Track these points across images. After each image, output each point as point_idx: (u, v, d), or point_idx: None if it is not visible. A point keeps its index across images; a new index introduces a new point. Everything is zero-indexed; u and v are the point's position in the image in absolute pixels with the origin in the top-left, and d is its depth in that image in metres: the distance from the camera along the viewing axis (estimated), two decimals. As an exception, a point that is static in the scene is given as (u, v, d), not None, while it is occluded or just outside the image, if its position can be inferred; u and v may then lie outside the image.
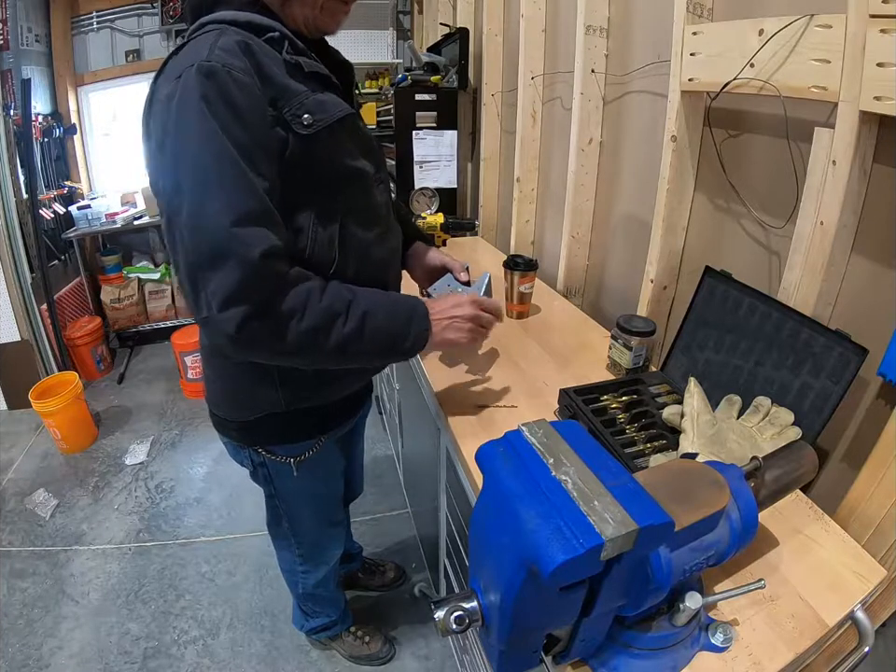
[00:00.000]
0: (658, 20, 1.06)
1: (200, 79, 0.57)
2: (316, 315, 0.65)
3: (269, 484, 0.96)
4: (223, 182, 0.58)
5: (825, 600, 0.58)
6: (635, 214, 1.28)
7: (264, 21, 0.65)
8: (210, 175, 0.58)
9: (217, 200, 0.58)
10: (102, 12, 3.03)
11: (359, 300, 0.69)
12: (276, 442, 0.89)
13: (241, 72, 0.59)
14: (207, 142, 0.58)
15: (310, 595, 1.23)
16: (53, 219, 2.82)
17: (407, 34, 3.61)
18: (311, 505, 1.03)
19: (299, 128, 0.64)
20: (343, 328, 0.67)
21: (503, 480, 0.43)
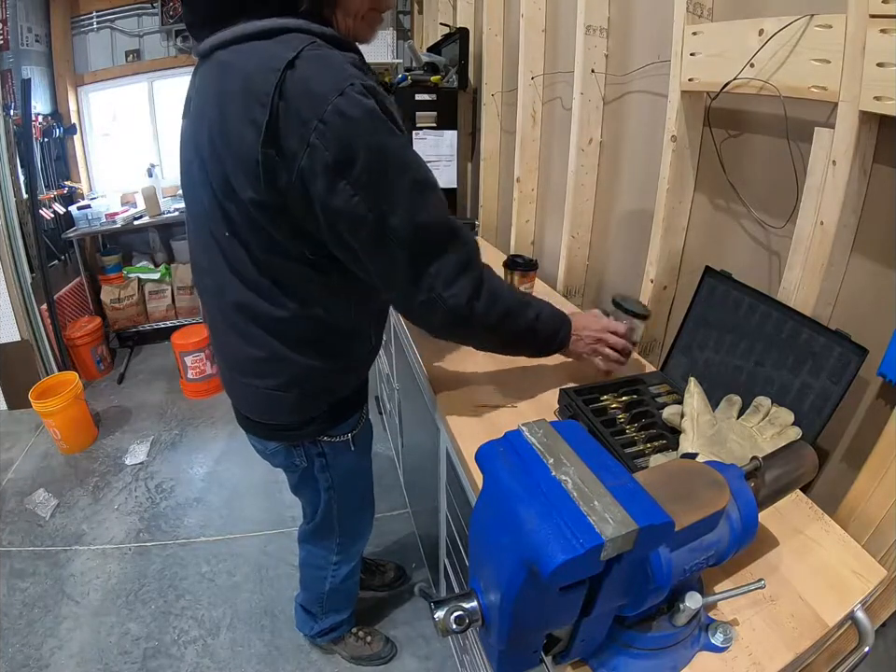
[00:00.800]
0: (658, 20, 1.06)
1: (367, 99, 0.60)
2: (509, 299, 0.77)
3: (326, 473, 0.99)
4: (429, 182, 0.68)
5: (825, 600, 0.58)
6: (635, 214, 1.28)
7: (346, 40, 0.68)
8: (421, 177, 0.67)
9: (434, 197, 0.68)
10: (102, 12, 3.03)
11: (534, 299, 0.84)
12: (336, 423, 0.94)
13: (381, 88, 0.64)
14: (404, 151, 0.65)
15: (335, 590, 1.25)
16: (53, 219, 2.82)
17: (407, 34, 3.61)
18: (360, 483, 1.12)
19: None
20: (528, 314, 0.80)
21: (503, 480, 0.43)
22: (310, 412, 0.89)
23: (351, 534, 1.17)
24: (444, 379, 1.03)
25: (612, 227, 1.39)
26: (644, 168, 1.18)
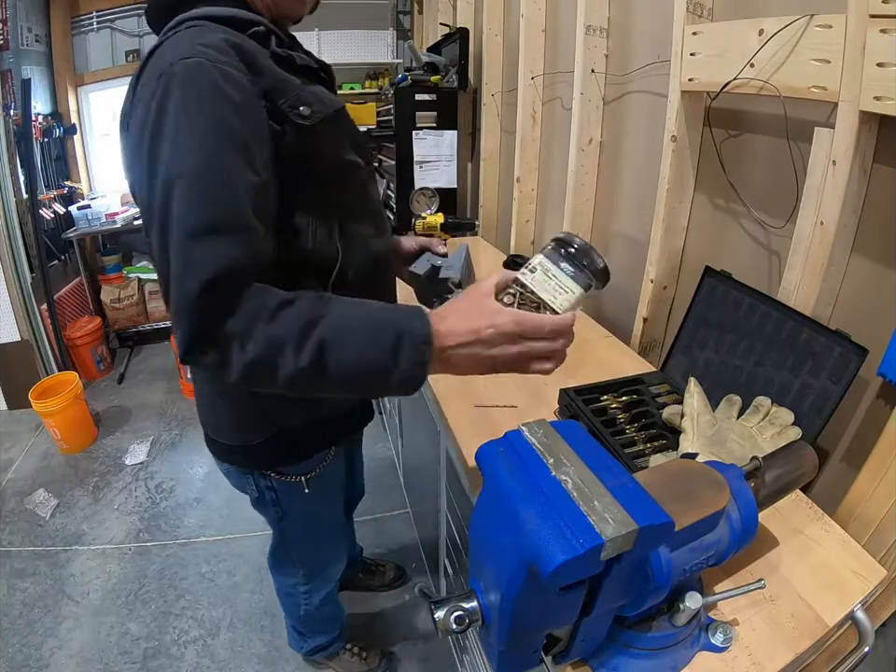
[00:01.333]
0: (658, 20, 1.06)
1: (184, 76, 0.53)
2: (260, 343, 0.52)
3: (276, 507, 0.91)
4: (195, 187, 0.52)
5: (825, 600, 0.58)
6: (635, 214, 1.28)
7: (248, 16, 0.62)
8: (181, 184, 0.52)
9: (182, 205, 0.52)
10: (102, 12, 3.04)
11: (328, 320, 0.53)
12: (287, 462, 0.84)
13: (228, 66, 0.55)
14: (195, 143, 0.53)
15: (312, 616, 1.20)
16: (53, 219, 2.82)
17: (407, 34, 3.61)
18: (319, 523, 1.00)
19: (297, 118, 0.61)
20: (294, 360, 0.52)
21: (503, 480, 0.43)
22: (250, 436, 0.79)
23: (313, 566, 1.08)
24: (444, 379, 1.03)
25: (612, 227, 1.39)
26: (644, 168, 1.18)
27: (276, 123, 0.60)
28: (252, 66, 0.58)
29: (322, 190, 0.68)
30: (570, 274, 0.56)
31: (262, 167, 0.58)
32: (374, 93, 3.55)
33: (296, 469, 0.86)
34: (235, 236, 0.53)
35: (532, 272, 0.57)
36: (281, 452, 0.83)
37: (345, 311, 0.55)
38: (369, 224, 0.76)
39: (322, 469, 0.88)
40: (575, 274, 0.57)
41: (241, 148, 0.55)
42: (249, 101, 0.57)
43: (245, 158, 0.55)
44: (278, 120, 0.60)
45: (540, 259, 0.58)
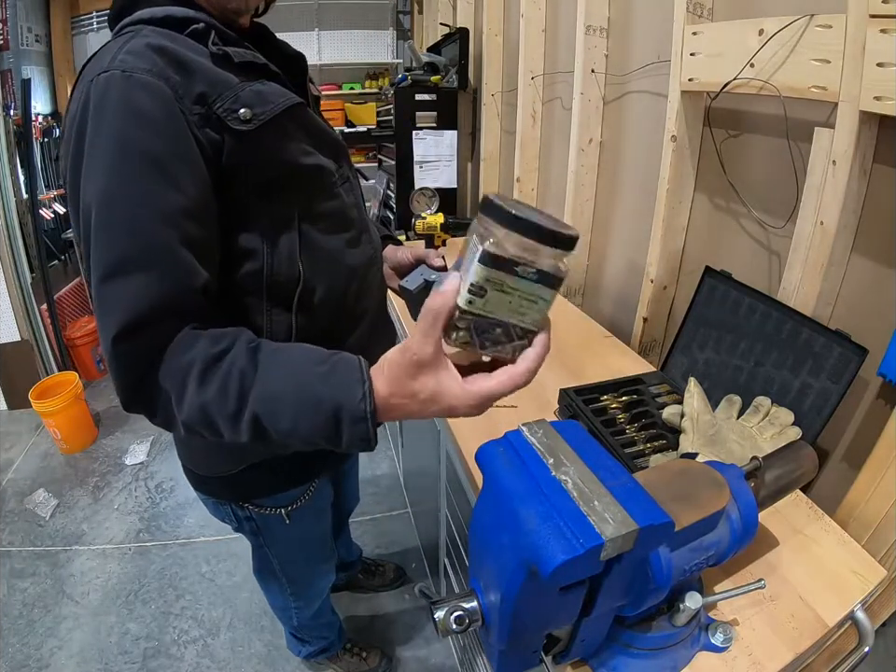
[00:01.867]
0: (658, 20, 1.06)
1: (97, 93, 0.49)
2: (195, 410, 0.48)
3: (256, 536, 0.88)
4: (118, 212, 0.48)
5: (825, 600, 0.58)
6: (635, 214, 1.28)
7: (184, 13, 0.56)
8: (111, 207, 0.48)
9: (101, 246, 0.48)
10: (102, 12, 3.04)
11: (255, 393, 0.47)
12: (264, 494, 0.79)
13: (146, 73, 0.50)
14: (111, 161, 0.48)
15: (305, 626, 1.20)
16: (53, 219, 2.82)
17: (407, 34, 3.62)
18: (303, 549, 0.96)
19: (235, 124, 0.54)
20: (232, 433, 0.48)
21: (503, 480, 0.43)
22: (220, 467, 0.75)
23: (301, 583, 1.04)
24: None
25: (612, 227, 1.39)
26: (644, 168, 1.18)
27: (214, 131, 0.54)
28: (182, 69, 0.53)
29: (276, 202, 0.60)
30: (534, 278, 0.39)
31: (191, 185, 0.52)
32: (374, 93, 3.55)
33: (275, 500, 0.80)
34: (153, 271, 0.48)
35: (481, 294, 0.39)
36: (257, 483, 0.77)
37: (274, 379, 0.48)
38: (341, 235, 0.67)
39: (304, 500, 0.82)
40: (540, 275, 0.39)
41: (157, 169, 0.49)
42: (169, 113, 0.51)
43: (164, 179, 0.49)
44: (216, 128, 0.54)
45: (487, 271, 0.38)
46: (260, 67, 0.59)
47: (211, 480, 0.78)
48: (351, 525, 1.53)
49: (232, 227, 0.58)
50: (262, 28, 0.71)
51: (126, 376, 0.49)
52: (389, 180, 2.44)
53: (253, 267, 0.60)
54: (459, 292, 0.40)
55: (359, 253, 0.70)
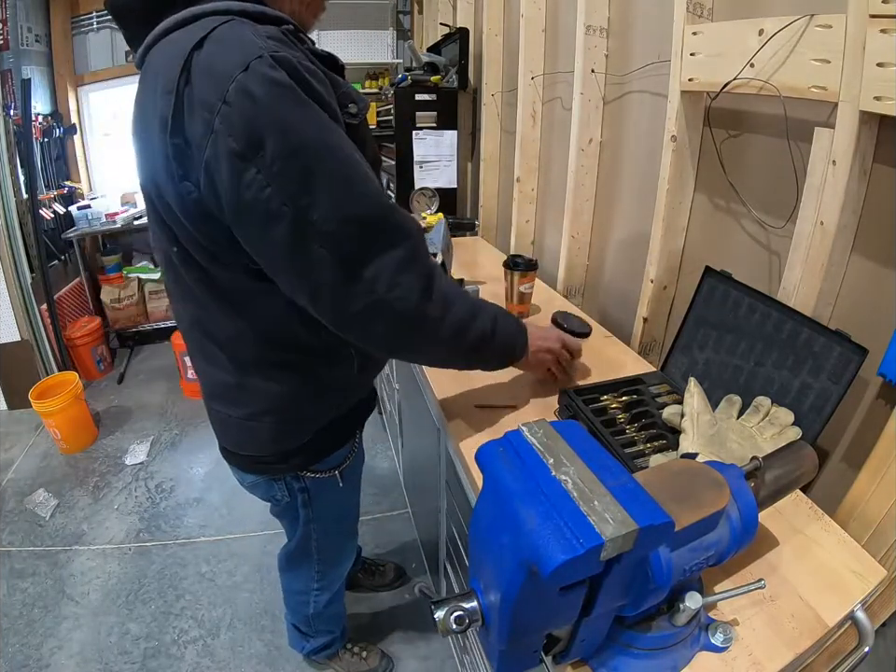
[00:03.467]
0: (658, 20, 1.06)
1: (277, 70, 0.51)
2: (464, 305, 0.66)
3: (307, 509, 0.92)
4: (358, 165, 0.57)
5: (825, 600, 0.58)
6: (635, 214, 1.28)
7: (276, 13, 0.59)
8: (344, 162, 0.56)
9: (368, 183, 0.57)
10: (102, 12, 3.03)
11: (486, 303, 0.73)
12: (322, 457, 0.86)
13: (304, 59, 0.55)
14: (325, 131, 0.54)
15: (319, 614, 1.21)
16: (53, 219, 2.82)
17: (407, 34, 3.61)
18: (345, 516, 1.03)
19: (348, 118, 0.61)
20: (481, 325, 0.69)
21: (503, 480, 0.43)
22: (288, 443, 0.81)
23: (330, 562, 1.09)
24: (444, 379, 1.03)
25: (612, 227, 1.39)
26: (644, 168, 1.18)
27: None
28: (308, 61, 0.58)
29: None
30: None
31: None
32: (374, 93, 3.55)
33: (329, 463, 0.88)
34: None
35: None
36: (318, 449, 0.85)
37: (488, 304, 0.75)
38: None
39: (351, 458, 0.92)
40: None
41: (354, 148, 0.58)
42: (330, 94, 0.58)
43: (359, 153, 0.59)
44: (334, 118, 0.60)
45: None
46: (341, 70, 0.67)
47: (272, 458, 0.82)
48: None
49: None
50: None
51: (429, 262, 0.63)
52: (389, 180, 2.44)
53: None
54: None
55: None
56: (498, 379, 1.02)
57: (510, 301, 1.30)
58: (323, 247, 0.56)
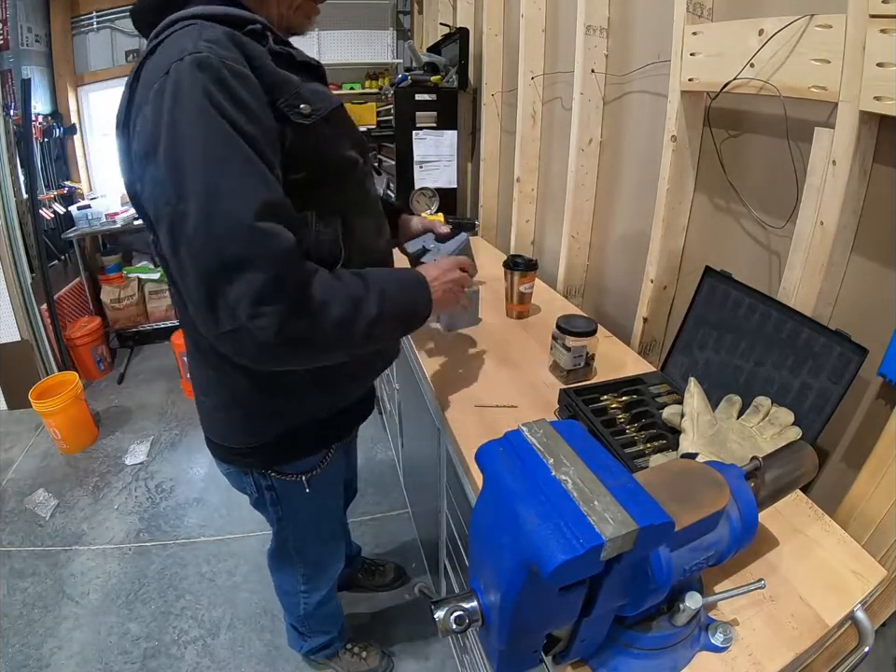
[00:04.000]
0: (658, 20, 1.06)
1: (194, 72, 0.53)
2: (343, 302, 0.62)
3: (276, 507, 0.92)
4: (239, 177, 0.54)
5: (825, 600, 0.58)
6: (635, 214, 1.28)
7: (244, 14, 0.61)
8: (225, 173, 0.53)
9: (234, 197, 0.53)
10: (102, 12, 3.04)
11: (371, 280, 0.67)
12: (288, 460, 0.85)
13: (235, 62, 0.55)
14: (216, 139, 0.53)
15: (311, 615, 1.21)
16: (53, 219, 2.82)
17: (407, 34, 3.61)
18: (318, 521, 1.00)
19: (297, 118, 0.61)
20: (367, 310, 0.65)
21: (503, 480, 0.43)
22: (251, 438, 0.81)
23: (313, 565, 1.08)
24: (444, 379, 1.03)
25: (612, 226, 1.39)
26: (644, 168, 1.18)
27: (279, 122, 0.60)
28: (252, 62, 0.58)
29: (326, 189, 0.68)
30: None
31: (276, 164, 0.59)
32: (374, 93, 3.55)
33: (296, 467, 0.87)
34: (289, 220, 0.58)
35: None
36: (281, 451, 0.84)
37: (371, 271, 0.69)
38: (371, 222, 0.77)
39: (322, 468, 0.89)
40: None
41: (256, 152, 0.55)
42: (259, 98, 0.57)
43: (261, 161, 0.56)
44: (279, 119, 0.60)
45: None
46: (314, 69, 0.67)
47: (239, 451, 0.83)
48: (351, 525, 1.53)
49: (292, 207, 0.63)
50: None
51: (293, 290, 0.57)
52: (389, 180, 2.44)
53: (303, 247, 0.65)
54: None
55: (383, 238, 0.81)
56: (498, 379, 1.03)
57: (510, 301, 1.30)
58: (190, 259, 0.54)
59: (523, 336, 1.22)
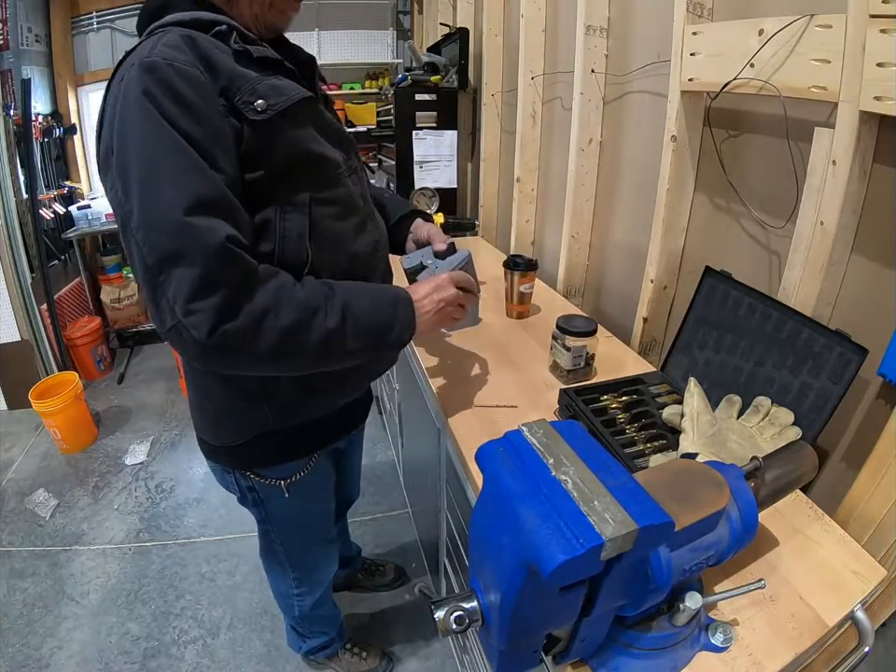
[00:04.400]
0: (658, 20, 1.06)
1: (141, 76, 0.55)
2: (293, 310, 0.59)
3: (259, 509, 0.92)
4: (174, 173, 0.54)
5: (825, 600, 0.58)
6: (635, 214, 1.28)
7: (210, 17, 0.63)
8: (160, 169, 0.54)
9: (168, 190, 0.54)
10: (102, 12, 3.04)
11: (338, 291, 0.64)
12: (266, 464, 0.84)
13: (185, 64, 0.56)
14: (155, 137, 0.54)
15: (306, 617, 1.20)
16: (53, 219, 2.83)
17: (407, 34, 3.62)
18: (304, 526, 0.99)
19: (252, 114, 0.60)
20: (324, 322, 0.61)
21: (503, 480, 0.43)
22: (226, 439, 0.81)
23: (303, 568, 1.06)
24: (444, 379, 1.03)
25: (612, 227, 1.39)
26: (644, 168, 1.18)
27: (236, 120, 0.60)
28: (208, 63, 0.59)
29: (290, 186, 0.65)
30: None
31: (227, 165, 0.59)
32: (374, 93, 3.56)
33: (275, 472, 0.85)
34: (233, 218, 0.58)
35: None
36: (260, 454, 0.83)
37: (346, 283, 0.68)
38: (348, 220, 0.73)
39: (303, 474, 0.87)
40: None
41: (199, 151, 0.56)
42: (207, 100, 0.58)
43: (203, 160, 0.56)
44: (237, 118, 0.60)
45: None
46: (276, 63, 0.66)
47: (219, 449, 0.83)
48: (351, 525, 1.53)
49: (250, 208, 0.63)
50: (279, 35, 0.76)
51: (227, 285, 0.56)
52: (389, 180, 2.44)
53: (265, 248, 0.65)
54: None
55: (365, 239, 0.77)
56: (498, 379, 1.03)
57: (510, 301, 1.30)
58: (137, 256, 0.56)
59: (523, 336, 1.22)
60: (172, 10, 0.64)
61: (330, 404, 0.83)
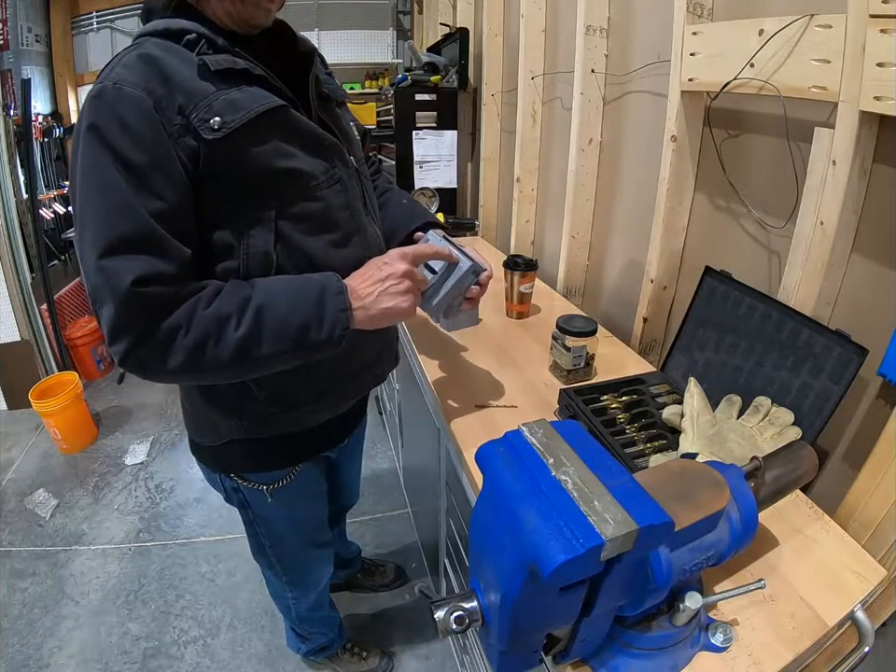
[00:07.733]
0: (658, 20, 1.06)
1: (90, 103, 0.56)
2: (202, 324, 0.58)
3: (245, 510, 0.91)
4: (97, 215, 0.56)
5: (825, 600, 0.58)
6: (635, 214, 1.28)
7: (179, 25, 0.61)
8: (88, 210, 0.56)
9: (90, 232, 0.56)
10: (102, 12, 3.04)
11: (257, 293, 0.61)
12: (246, 469, 0.83)
13: (133, 87, 0.55)
14: (92, 173, 0.56)
15: (304, 619, 1.20)
16: (53, 219, 2.83)
17: (407, 34, 3.62)
18: (292, 530, 0.97)
19: (207, 133, 0.58)
20: (235, 331, 0.59)
21: (503, 480, 0.43)
22: (205, 437, 0.80)
23: (295, 571, 1.05)
24: (444, 379, 1.03)
25: (612, 227, 1.39)
26: (644, 168, 1.18)
27: (193, 139, 0.58)
28: (166, 82, 0.57)
29: (251, 204, 0.63)
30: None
31: (170, 191, 0.58)
32: (374, 93, 3.56)
33: (257, 477, 0.84)
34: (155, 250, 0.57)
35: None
36: (238, 458, 0.82)
37: (271, 281, 0.64)
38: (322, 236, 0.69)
39: (287, 481, 0.85)
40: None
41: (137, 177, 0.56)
42: (151, 125, 0.56)
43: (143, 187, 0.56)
44: (194, 136, 0.58)
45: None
46: (241, 72, 0.62)
47: (203, 448, 0.83)
48: (351, 526, 1.53)
49: (211, 226, 0.62)
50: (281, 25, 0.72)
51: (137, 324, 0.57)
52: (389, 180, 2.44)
53: (231, 265, 0.64)
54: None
55: (346, 254, 0.71)
56: (498, 379, 1.03)
57: (510, 301, 1.30)
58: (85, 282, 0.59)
59: (523, 336, 1.22)
60: (154, 16, 0.64)
61: (307, 421, 0.80)
